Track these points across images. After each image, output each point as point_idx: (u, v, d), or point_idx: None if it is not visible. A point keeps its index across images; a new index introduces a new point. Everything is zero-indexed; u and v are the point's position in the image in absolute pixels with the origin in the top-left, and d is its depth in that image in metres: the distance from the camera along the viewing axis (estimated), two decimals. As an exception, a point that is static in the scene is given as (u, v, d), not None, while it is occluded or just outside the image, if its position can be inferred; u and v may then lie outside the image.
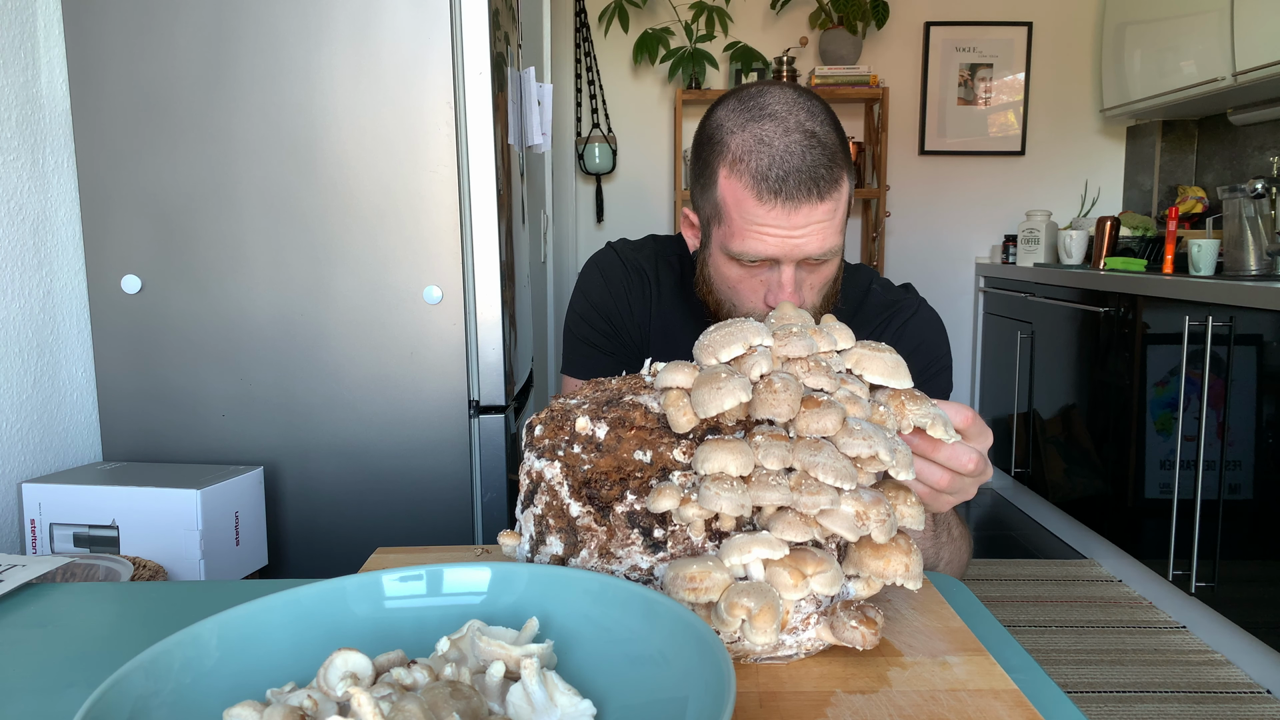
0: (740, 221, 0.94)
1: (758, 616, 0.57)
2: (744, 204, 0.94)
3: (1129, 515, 2.77)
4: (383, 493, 1.58)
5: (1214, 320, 2.34)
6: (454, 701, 0.47)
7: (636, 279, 1.15)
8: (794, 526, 0.60)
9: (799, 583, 0.59)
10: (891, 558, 0.63)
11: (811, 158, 0.92)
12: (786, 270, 0.96)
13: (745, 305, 1.01)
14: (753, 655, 0.64)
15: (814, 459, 0.61)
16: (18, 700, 0.63)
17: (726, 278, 1.00)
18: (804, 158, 0.92)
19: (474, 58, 1.52)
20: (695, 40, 3.65)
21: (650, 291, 1.15)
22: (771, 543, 0.59)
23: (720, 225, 0.98)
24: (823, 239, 0.95)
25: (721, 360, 0.65)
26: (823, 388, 0.65)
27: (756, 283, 0.99)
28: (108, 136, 1.51)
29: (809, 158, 0.92)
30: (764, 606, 0.58)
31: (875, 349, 0.69)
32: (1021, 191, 3.93)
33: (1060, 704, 0.65)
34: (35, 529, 1.40)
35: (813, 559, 0.61)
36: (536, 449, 0.68)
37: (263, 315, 1.55)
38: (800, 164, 0.92)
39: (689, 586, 0.59)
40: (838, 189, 0.95)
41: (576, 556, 0.65)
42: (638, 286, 1.15)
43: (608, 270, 1.16)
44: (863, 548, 0.64)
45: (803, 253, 0.95)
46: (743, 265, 0.98)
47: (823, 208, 0.93)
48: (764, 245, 0.94)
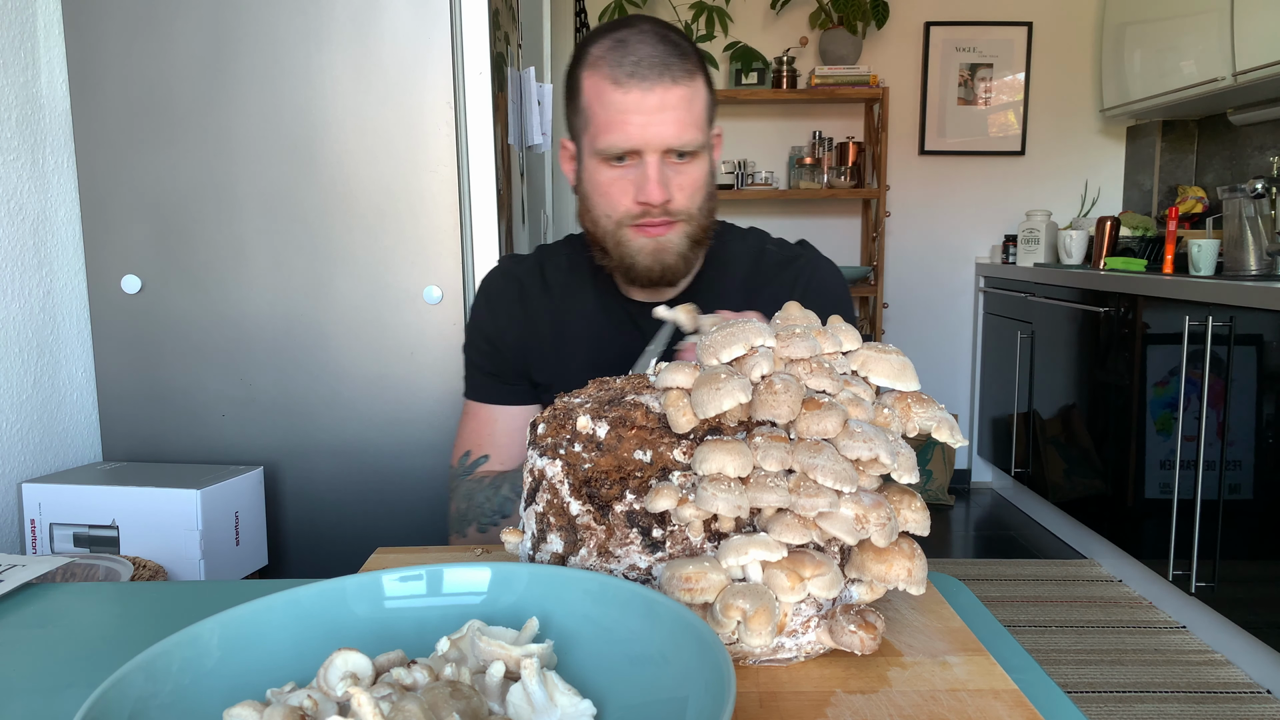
0: (603, 114, 1.00)
1: (753, 619, 0.57)
2: (604, 95, 1.00)
3: (1129, 515, 2.77)
4: (383, 493, 1.57)
5: (1214, 320, 2.34)
6: (454, 701, 0.47)
7: (516, 290, 1.15)
8: (792, 529, 0.60)
9: (796, 585, 0.59)
10: (894, 562, 0.62)
11: (664, 49, 1.00)
12: (651, 160, 1.00)
13: (618, 209, 1.04)
14: (751, 657, 0.63)
15: (813, 461, 0.60)
16: (18, 700, 0.63)
17: (599, 184, 1.04)
18: (656, 48, 1.00)
19: (474, 58, 1.52)
20: (695, 40, 3.65)
21: (536, 295, 1.15)
22: (769, 544, 0.59)
23: (588, 130, 1.03)
24: (680, 127, 1.00)
25: (723, 361, 0.65)
26: (825, 389, 0.65)
27: (626, 183, 1.03)
28: (108, 136, 1.51)
29: (661, 49, 1.00)
30: (760, 609, 0.57)
31: (882, 351, 0.68)
32: (1021, 191, 3.93)
33: (1060, 704, 0.65)
34: (35, 529, 1.40)
35: (811, 562, 0.60)
36: (539, 447, 0.68)
37: (263, 315, 1.55)
38: (653, 53, 0.99)
39: (684, 587, 0.59)
40: (692, 80, 1.01)
41: (576, 555, 0.65)
42: (516, 299, 1.15)
43: (490, 290, 1.17)
44: (865, 551, 0.63)
45: (662, 140, 0.99)
46: (612, 166, 1.02)
47: (676, 91, 0.99)
48: (625, 133, 0.99)
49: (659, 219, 1.03)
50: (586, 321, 1.14)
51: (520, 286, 1.16)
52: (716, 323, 0.69)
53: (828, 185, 3.70)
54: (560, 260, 1.18)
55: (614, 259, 1.07)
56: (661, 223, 1.03)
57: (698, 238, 1.07)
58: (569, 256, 1.18)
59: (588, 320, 1.14)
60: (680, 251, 1.05)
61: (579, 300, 1.15)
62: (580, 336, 1.13)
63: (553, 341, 1.14)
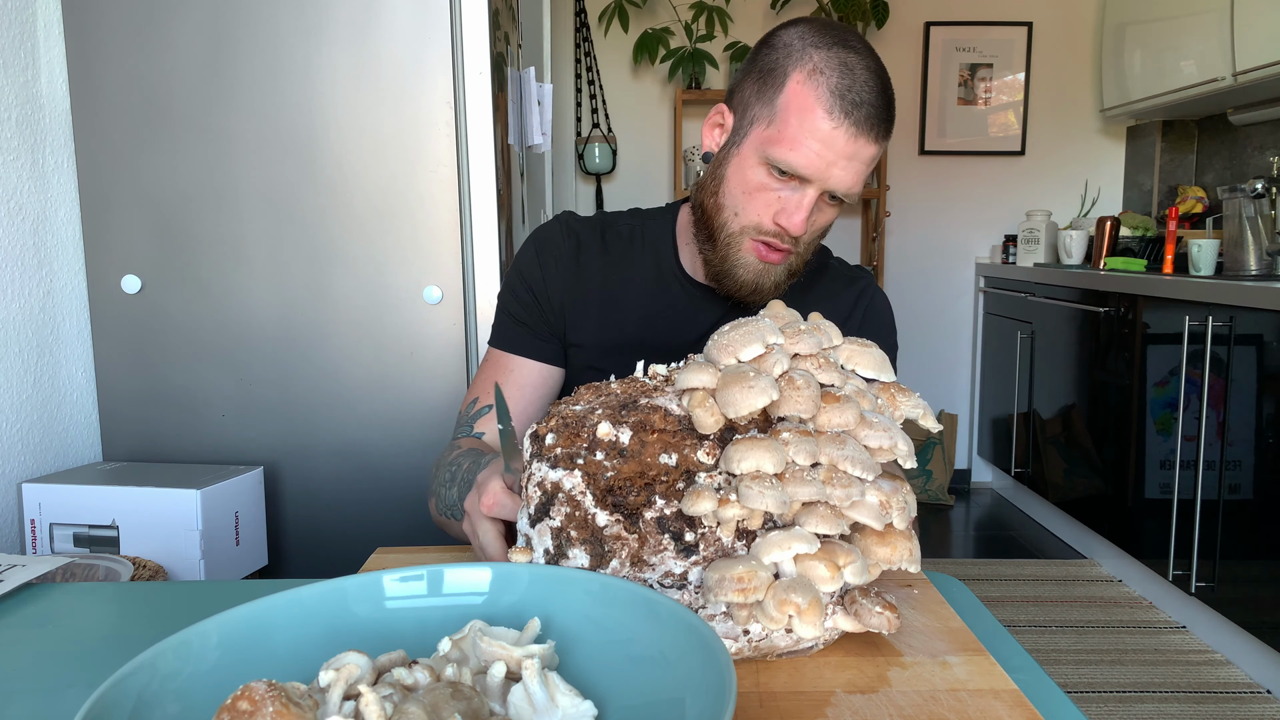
0: (797, 129, 0.95)
1: (806, 611, 0.59)
2: (809, 113, 0.95)
3: (1129, 515, 2.77)
4: (383, 493, 1.57)
5: (1214, 320, 2.34)
6: (455, 702, 0.47)
7: (573, 246, 1.13)
8: (826, 520, 0.62)
9: (834, 575, 0.61)
10: (897, 544, 0.65)
11: (883, 101, 0.96)
12: (810, 193, 0.97)
13: (750, 216, 1.01)
14: (776, 651, 0.64)
15: (840, 453, 0.63)
16: (18, 700, 0.63)
17: (747, 181, 1.00)
18: (879, 97, 0.96)
19: (474, 58, 1.52)
20: (695, 40, 3.65)
21: (594, 256, 1.14)
22: (807, 538, 0.61)
23: (769, 127, 0.98)
24: (856, 179, 0.98)
25: (743, 359, 0.65)
26: (833, 383, 0.67)
27: (774, 197, 0.99)
28: (108, 136, 1.51)
29: (881, 99, 0.96)
30: (811, 601, 0.59)
31: (863, 345, 0.72)
32: (1021, 191, 3.93)
33: (1060, 704, 0.65)
34: (35, 529, 1.40)
35: (842, 551, 0.62)
36: (548, 459, 0.65)
37: (263, 315, 1.55)
38: (875, 100, 0.95)
39: (738, 588, 0.59)
40: (885, 143, 0.99)
41: (606, 567, 0.64)
42: (572, 255, 1.13)
43: (545, 241, 1.14)
44: (867, 536, 0.65)
45: (835, 183, 0.97)
46: (771, 174, 0.98)
47: (872, 150, 0.97)
48: (809, 160, 0.95)
49: (783, 245, 1.01)
50: (639, 292, 1.12)
51: (578, 243, 1.13)
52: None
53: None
54: (622, 229, 1.16)
55: (716, 252, 1.04)
56: (783, 249, 1.02)
57: (796, 271, 1.06)
58: (631, 226, 1.16)
59: (641, 291, 1.12)
60: (778, 281, 1.04)
61: (636, 269, 1.13)
62: (631, 305, 1.12)
63: (600, 305, 1.12)
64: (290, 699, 0.44)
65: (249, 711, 0.43)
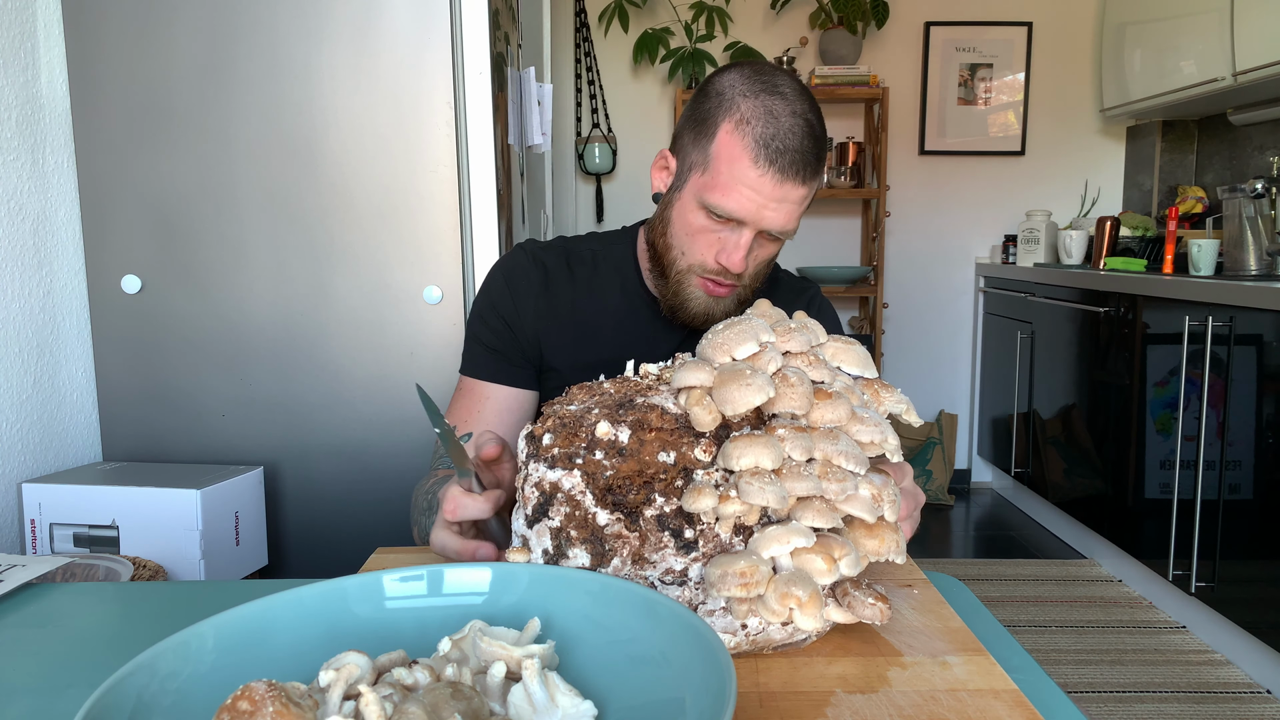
0: (728, 177, 1.01)
1: (807, 604, 0.60)
2: (737, 162, 1.01)
3: (1129, 515, 2.77)
4: (383, 493, 1.57)
5: (1214, 320, 2.34)
6: (455, 702, 0.47)
7: (540, 274, 1.17)
8: (822, 514, 0.62)
9: (831, 568, 0.62)
10: (885, 536, 0.66)
11: (808, 145, 1.02)
12: (747, 234, 1.03)
13: (695, 256, 1.07)
14: (772, 644, 0.65)
15: (834, 448, 0.64)
16: (18, 700, 0.63)
17: (689, 224, 1.07)
18: (802, 141, 1.01)
19: (474, 58, 1.52)
20: (695, 40, 3.65)
21: (561, 283, 1.18)
22: (804, 532, 0.62)
23: (704, 174, 1.04)
24: (787, 218, 1.03)
25: (737, 358, 0.67)
26: (823, 380, 0.68)
27: (714, 238, 1.05)
28: (108, 136, 1.51)
29: (806, 144, 1.02)
30: (812, 594, 0.60)
31: (847, 342, 0.73)
32: (1021, 191, 3.93)
33: (1060, 704, 0.65)
34: (35, 529, 1.40)
35: (837, 544, 0.63)
36: (546, 459, 0.65)
37: (263, 315, 1.55)
38: (798, 145, 1.01)
39: (740, 583, 0.60)
40: (815, 181, 1.05)
41: (607, 566, 0.64)
42: (540, 283, 1.17)
43: (512, 270, 1.19)
44: (855, 529, 0.66)
45: (768, 224, 1.03)
46: (710, 217, 1.04)
47: (800, 191, 1.02)
48: (740, 205, 1.01)
49: (728, 281, 1.07)
50: (610, 315, 1.17)
51: (545, 271, 1.17)
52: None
53: (828, 185, 3.70)
54: (585, 254, 1.20)
55: (669, 287, 1.11)
56: (728, 285, 1.08)
57: (745, 300, 1.12)
58: (594, 251, 1.20)
59: (611, 313, 1.17)
60: (728, 310, 1.11)
61: (604, 293, 1.18)
62: (603, 326, 1.16)
63: (574, 329, 1.16)
64: (290, 699, 0.44)
65: (249, 711, 0.43)
